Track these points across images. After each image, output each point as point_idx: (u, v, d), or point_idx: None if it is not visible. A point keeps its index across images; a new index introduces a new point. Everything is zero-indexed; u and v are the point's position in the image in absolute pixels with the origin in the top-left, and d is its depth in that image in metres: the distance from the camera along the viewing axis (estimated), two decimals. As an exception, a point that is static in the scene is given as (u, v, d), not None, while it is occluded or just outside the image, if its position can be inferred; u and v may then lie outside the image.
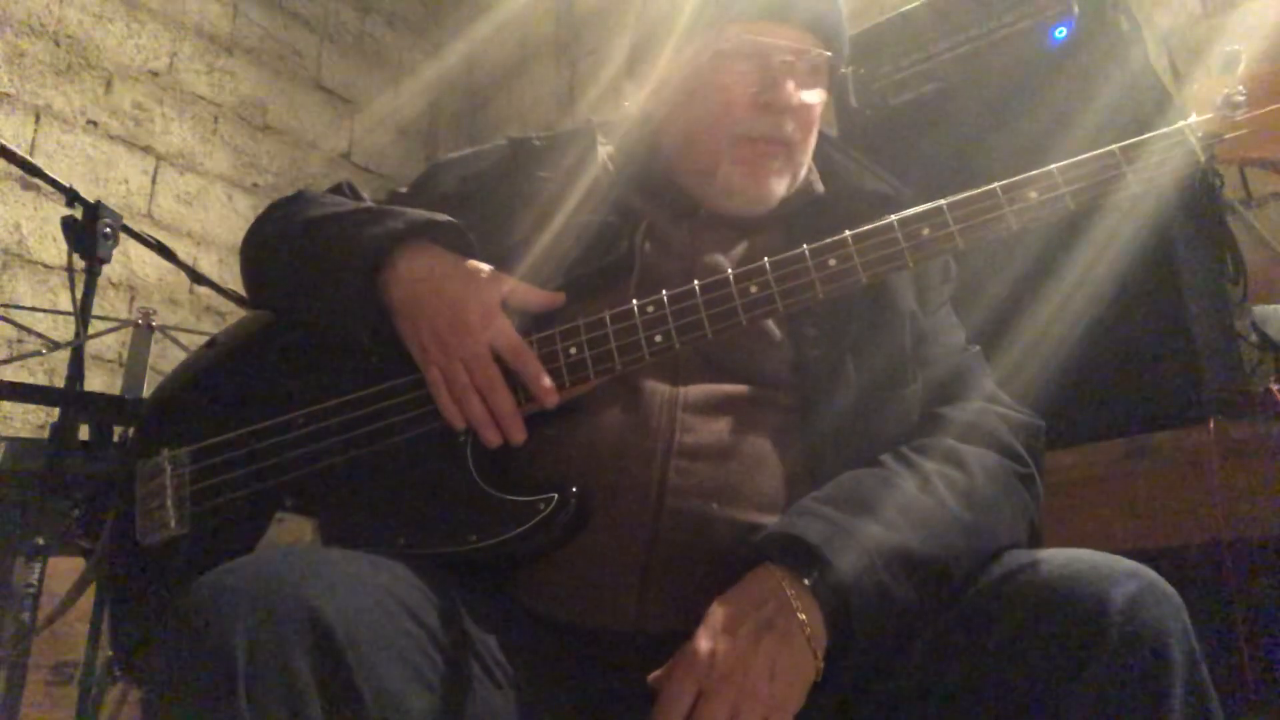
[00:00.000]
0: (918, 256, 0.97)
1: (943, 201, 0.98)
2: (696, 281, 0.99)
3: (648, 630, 0.94)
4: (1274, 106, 0.94)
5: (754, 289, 0.97)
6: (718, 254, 1.11)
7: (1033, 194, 0.96)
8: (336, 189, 1.23)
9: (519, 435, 0.97)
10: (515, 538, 0.94)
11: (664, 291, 0.99)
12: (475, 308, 0.98)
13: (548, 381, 0.96)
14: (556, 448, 1.00)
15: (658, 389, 1.00)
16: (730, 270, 0.99)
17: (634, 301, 0.99)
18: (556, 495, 0.94)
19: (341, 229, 1.06)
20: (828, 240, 0.99)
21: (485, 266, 1.03)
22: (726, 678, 0.83)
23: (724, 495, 0.96)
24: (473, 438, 0.99)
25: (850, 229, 1.07)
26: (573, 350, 0.99)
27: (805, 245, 0.99)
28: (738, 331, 0.99)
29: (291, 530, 0.99)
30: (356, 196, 1.21)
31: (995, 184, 0.97)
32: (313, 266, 1.06)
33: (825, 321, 1.05)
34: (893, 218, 0.99)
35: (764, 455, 1.00)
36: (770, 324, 1.05)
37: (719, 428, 0.99)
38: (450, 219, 1.05)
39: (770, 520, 0.96)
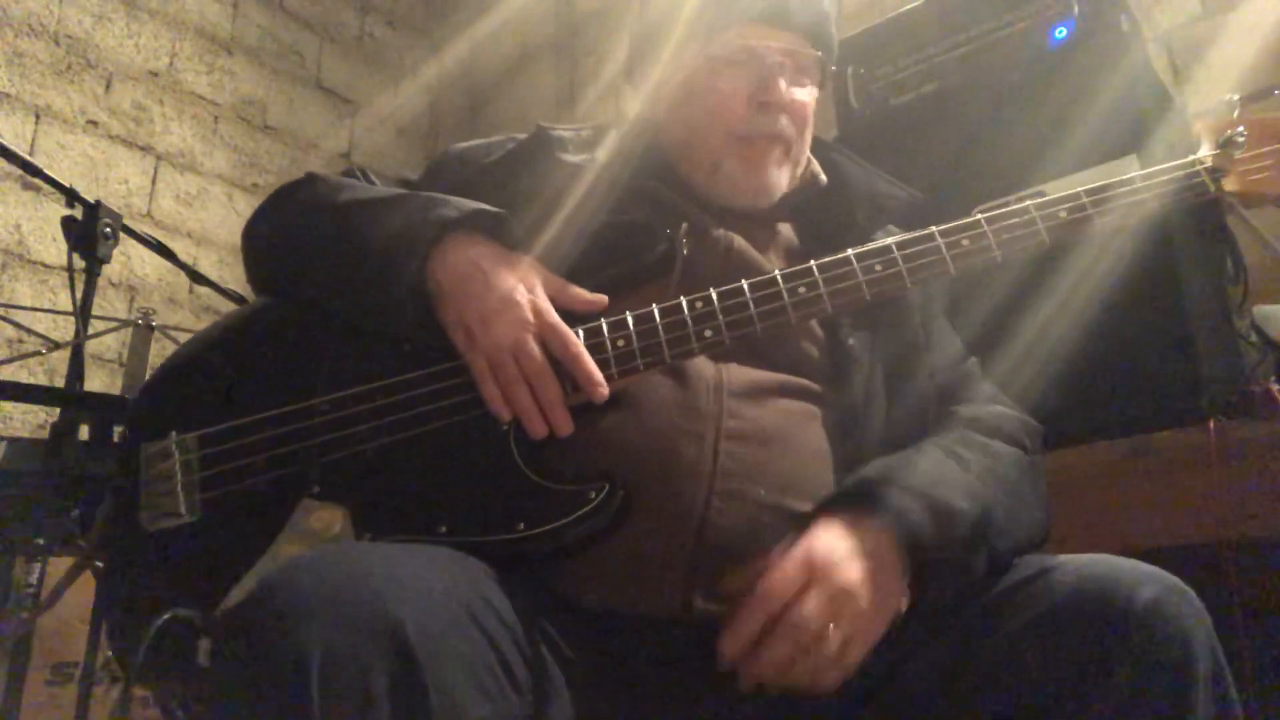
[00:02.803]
0: (959, 265, 1.01)
1: (980, 215, 1.03)
2: (745, 281, 1.00)
3: (691, 618, 0.94)
4: (1264, 149, 1.03)
5: (803, 289, 1.00)
6: (751, 249, 1.14)
7: (1062, 212, 1.02)
8: (348, 173, 1.21)
9: (566, 427, 0.96)
10: (564, 526, 0.92)
11: (712, 289, 1.00)
12: (524, 298, 0.98)
13: (599, 375, 0.95)
14: (604, 434, 0.99)
15: (702, 372, 1.01)
16: (778, 271, 1.01)
17: (682, 298, 1.00)
18: (607, 484, 0.93)
19: (387, 214, 1.04)
20: (873, 245, 1.02)
21: (532, 260, 1.03)
22: (835, 577, 0.85)
23: (769, 481, 0.98)
24: (516, 426, 0.98)
25: (867, 228, 1.17)
26: (620, 342, 0.98)
27: (850, 250, 1.01)
28: (786, 329, 1.00)
29: (321, 518, 0.96)
30: (368, 182, 1.20)
31: (1028, 201, 1.03)
32: (353, 252, 1.03)
33: (860, 316, 1.09)
34: (934, 228, 1.03)
35: (804, 443, 1.03)
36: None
37: (762, 414, 1.01)
38: (501, 211, 1.04)
39: (806, 504, 0.98)
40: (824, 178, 1.24)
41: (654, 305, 1.00)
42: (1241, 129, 1.03)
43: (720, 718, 0.95)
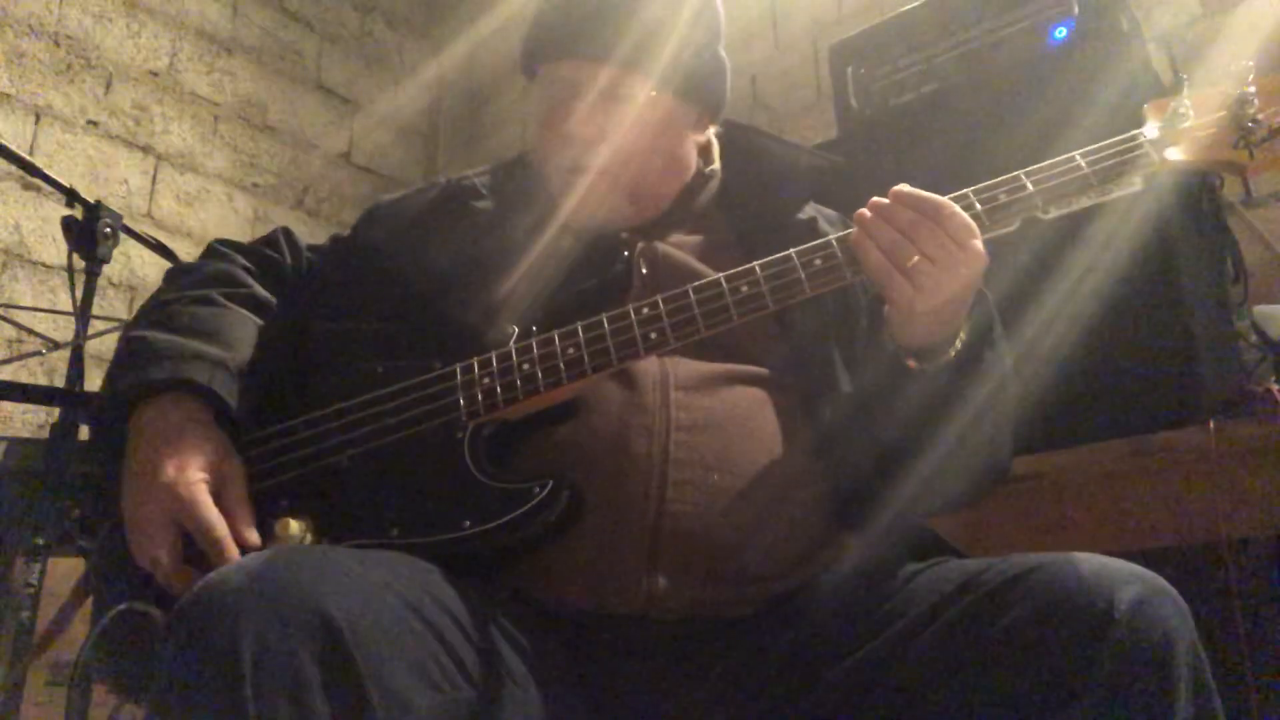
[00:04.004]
0: None
1: None
2: (689, 286, 1.03)
3: (656, 613, 0.95)
4: (1209, 118, 1.04)
5: (745, 289, 1.01)
6: (679, 254, 1.17)
7: (1001, 195, 1.02)
8: (271, 238, 1.27)
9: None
10: (509, 523, 0.94)
11: (659, 296, 1.03)
12: (168, 487, 0.95)
13: (231, 552, 0.93)
14: (559, 440, 1.02)
15: (648, 369, 1.04)
16: (721, 274, 1.03)
17: (630, 305, 1.03)
18: (552, 481, 0.95)
19: (126, 355, 1.08)
20: (813, 243, 1.04)
21: (208, 443, 1.00)
22: (973, 246, 0.96)
23: (722, 466, 1.00)
24: (469, 431, 1.01)
25: (792, 206, 1.20)
26: (570, 350, 1.02)
27: (793, 250, 1.03)
28: (730, 327, 1.02)
29: (288, 526, 0.99)
30: (291, 245, 1.26)
31: (967, 189, 1.03)
32: (105, 380, 1.10)
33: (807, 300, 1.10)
34: None
35: (756, 426, 1.05)
36: None
37: (711, 403, 1.04)
38: (200, 383, 1.03)
39: (769, 490, 1.01)
40: (715, 166, 1.26)
41: (603, 315, 1.03)
42: (1186, 101, 1.05)
43: (690, 714, 0.96)
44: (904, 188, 0.99)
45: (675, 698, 0.96)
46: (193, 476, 0.96)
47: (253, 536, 0.96)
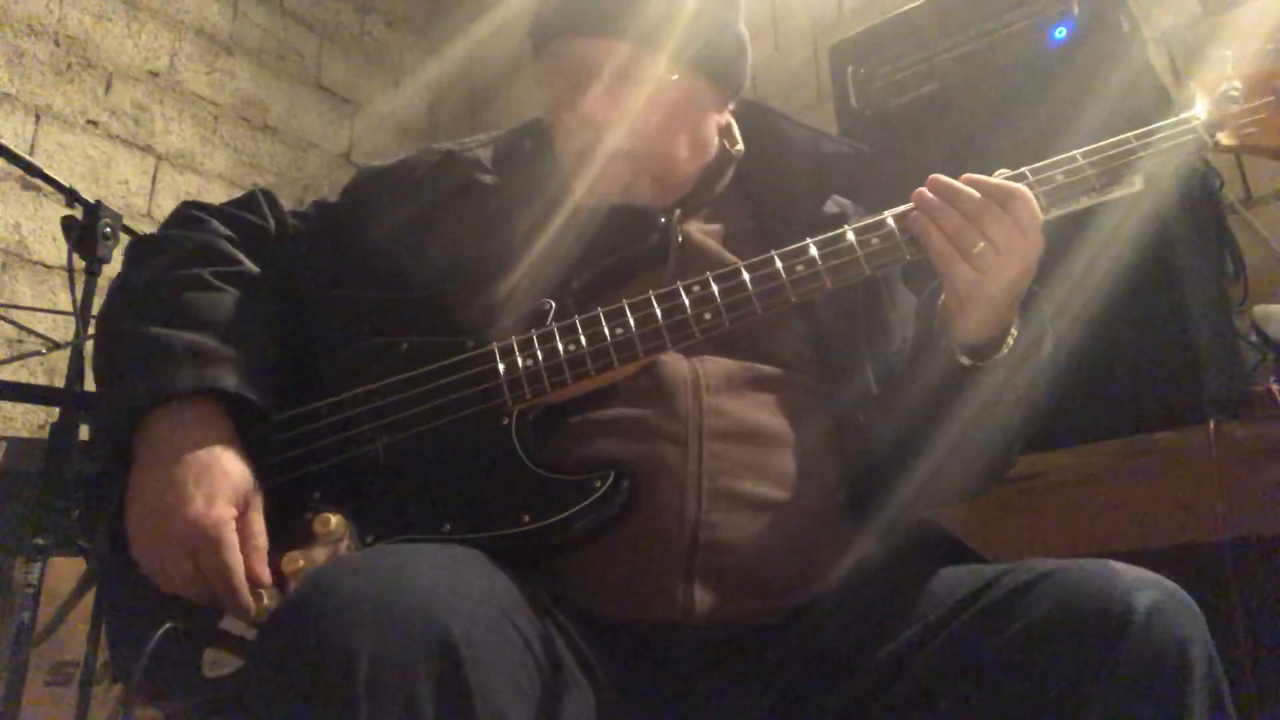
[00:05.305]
0: None
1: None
2: (740, 264, 0.99)
3: (694, 621, 0.94)
4: (1257, 103, 1.02)
5: (800, 268, 0.98)
6: (702, 236, 1.13)
7: (1059, 175, 1.01)
8: (250, 199, 1.18)
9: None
10: (571, 517, 0.91)
11: (709, 273, 0.99)
12: (190, 515, 0.89)
13: (245, 601, 0.89)
14: (595, 432, 0.98)
15: (677, 370, 1.00)
16: (774, 251, 1.00)
17: (679, 283, 0.99)
18: (612, 472, 0.92)
19: (131, 355, 1.00)
20: (867, 221, 1.01)
21: (237, 470, 0.93)
22: (1036, 233, 0.96)
23: (757, 475, 0.98)
24: (516, 418, 0.97)
25: (815, 196, 1.15)
26: (619, 330, 0.97)
27: (848, 227, 1.01)
28: (786, 309, 0.99)
29: (323, 522, 0.94)
30: (273, 208, 1.17)
31: (1024, 167, 1.02)
32: (101, 376, 1.04)
33: (835, 296, 1.06)
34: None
35: (787, 432, 1.02)
36: None
37: (743, 408, 1.01)
38: (230, 390, 0.96)
39: (801, 499, 0.99)
40: (740, 147, 1.22)
41: (650, 292, 0.98)
42: (1236, 84, 1.03)
43: (722, 716, 0.95)
44: (970, 176, 0.98)
45: (708, 700, 0.95)
46: (222, 513, 0.89)
47: (264, 574, 0.89)
